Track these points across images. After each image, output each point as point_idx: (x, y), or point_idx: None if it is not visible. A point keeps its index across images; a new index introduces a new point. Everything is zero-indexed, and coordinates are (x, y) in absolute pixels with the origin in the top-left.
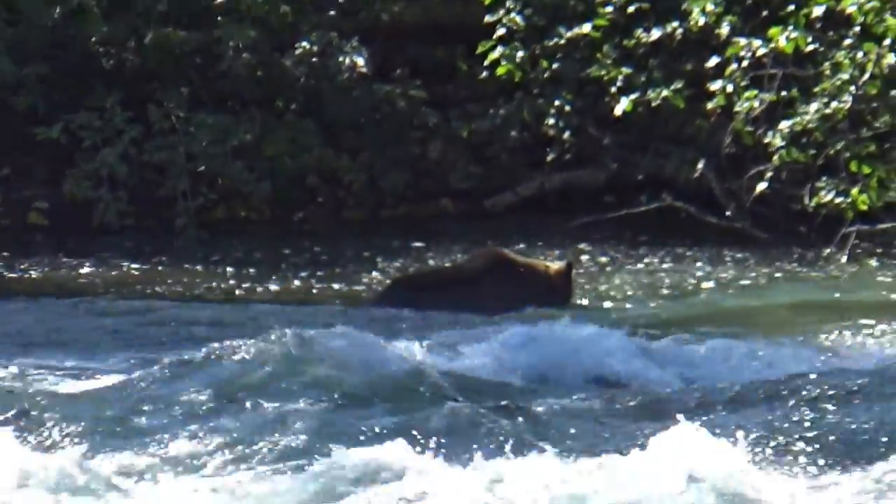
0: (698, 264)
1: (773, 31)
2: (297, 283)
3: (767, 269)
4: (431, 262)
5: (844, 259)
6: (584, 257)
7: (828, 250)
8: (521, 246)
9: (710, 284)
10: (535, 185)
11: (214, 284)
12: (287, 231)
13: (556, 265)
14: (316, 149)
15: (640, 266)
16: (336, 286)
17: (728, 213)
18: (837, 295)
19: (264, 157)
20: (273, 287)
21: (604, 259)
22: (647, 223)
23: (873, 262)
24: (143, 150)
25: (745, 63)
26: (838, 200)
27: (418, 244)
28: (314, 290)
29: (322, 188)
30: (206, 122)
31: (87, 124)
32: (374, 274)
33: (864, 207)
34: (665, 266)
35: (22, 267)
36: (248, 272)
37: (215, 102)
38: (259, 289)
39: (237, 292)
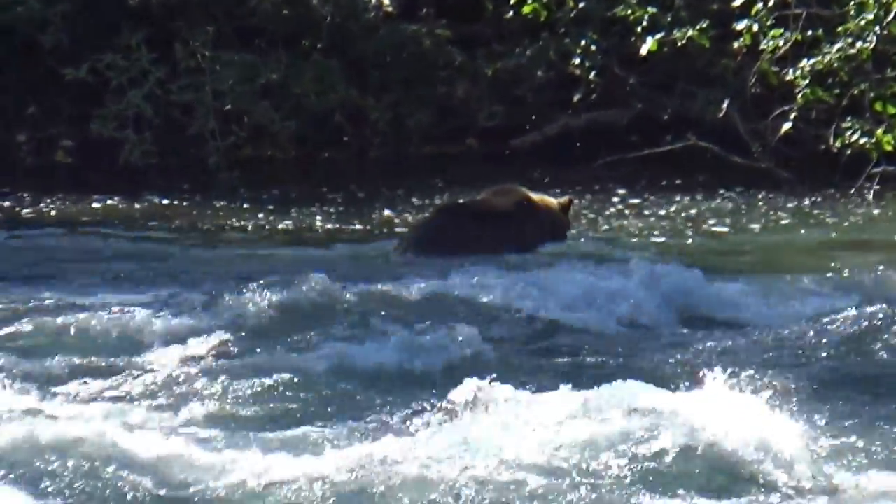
0: (723, 204)
1: None
2: (322, 221)
3: (792, 209)
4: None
5: (869, 199)
6: (609, 196)
7: (852, 190)
8: (546, 182)
9: (734, 224)
10: (560, 124)
11: (241, 223)
12: (313, 170)
13: (561, 200)
14: (342, 88)
15: (664, 205)
16: (361, 225)
17: (753, 152)
18: (862, 235)
19: (290, 96)
20: (299, 226)
21: (629, 198)
22: (671, 163)
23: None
24: (170, 91)
25: (770, 3)
26: (863, 141)
27: (444, 183)
28: (340, 229)
29: (348, 127)
30: (232, 61)
31: (114, 64)
32: (400, 212)
33: (889, 148)
34: (690, 205)
35: (47, 202)
36: (274, 211)
37: (241, 41)
38: (285, 228)
39: (263, 231)
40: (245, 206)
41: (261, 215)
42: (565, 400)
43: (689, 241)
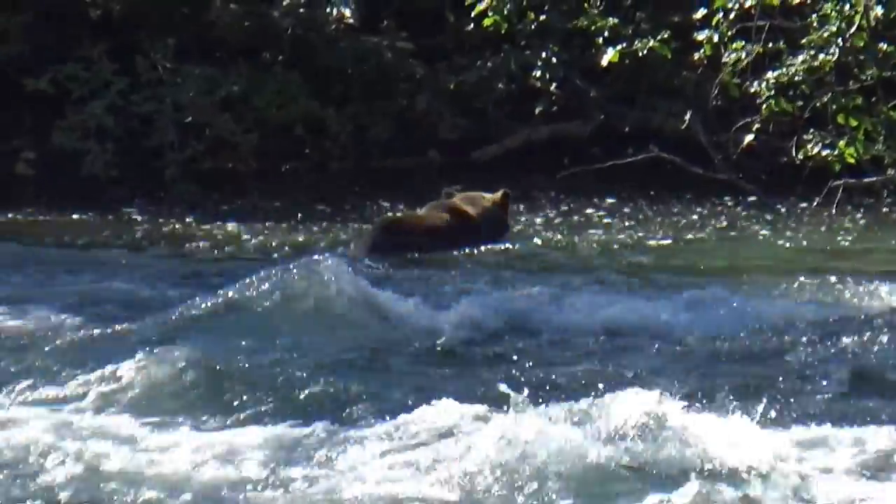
0: (685, 216)
1: None
2: (282, 233)
3: (754, 221)
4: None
5: (831, 212)
6: (570, 208)
7: (815, 202)
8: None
9: (696, 236)
10: (521, 136)
11: (201, 235)
12: (274, 182)
13: (496, 196)
14: (303, 100)
15: (625, 217)
16: (321, 237)
17: (715, 164)
18: (823, 248)
19: (251, 109)
20: (258, 238)
21: (590, 210)
22: (633, 175)
23: (859, 215)
24: (131, 102)
25: (731, 15)
26: (825, 153)
27: (405, 195)
28: (300, 241)
29: (309, 140)
30: (193, 73)
31: (75, 75)
32: (360, 225)
33: (852, 160)
34: (651, 217)
35: (8, 215)
36: (233, 223)
37: (203, 53)
38: (244, 239)
39: (222, 242)
40: (202, 217)
41: (218, 226)
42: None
43: (647, 252)
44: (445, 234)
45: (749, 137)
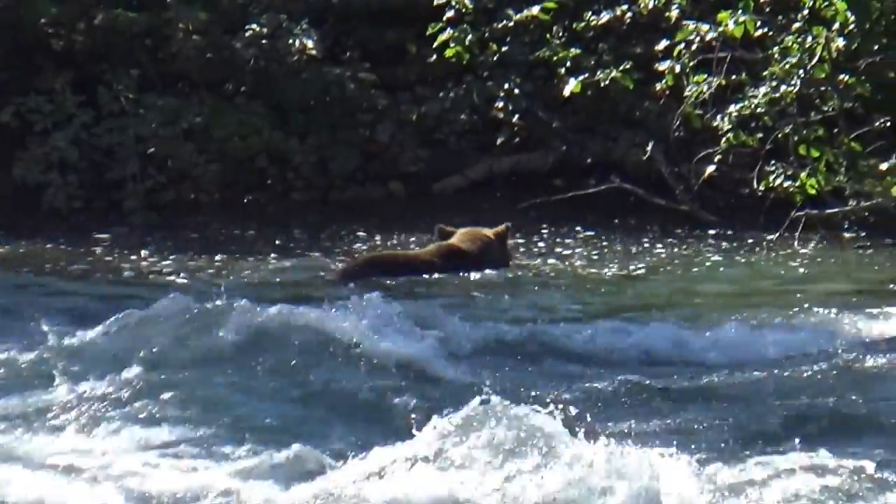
0: (646, 247)
1: (722, 15)
2: (244, 265)
3: (715, 252)
4: (380, 245)
5: (793, 243)
6: (531, 240)
7: (776, 234)
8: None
9: (657, 267)
10: (484, 168)
11: (161, 266)
12: (237, 213)
13: (498, 229)
14: (265, 131)
15: (587, 248)
16: (285, 268)
17: (677, 195)
18: (785, 279)
19: (214, 140)
20: (222, 269)
21: (551, 241)
22: (595, 205)
23: (821, 247)
24: (93, 133)
25: (693, 46)
26: (787, 185)
27: (367, 227)
28: (262, 273)
29: (271, 170)
30: (156, 105)
31: (38, 108)
32: (323, 257)
33: (813, 192)
34: (613, 249)
35: None
36: (196, 254)
37: (165, 84)
38: (208, 270)
39: (183, 274)
40: (163, 250)
41: (178, 260)
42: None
43: (608, 283)
44: (430, 270)
45: (710, 168)
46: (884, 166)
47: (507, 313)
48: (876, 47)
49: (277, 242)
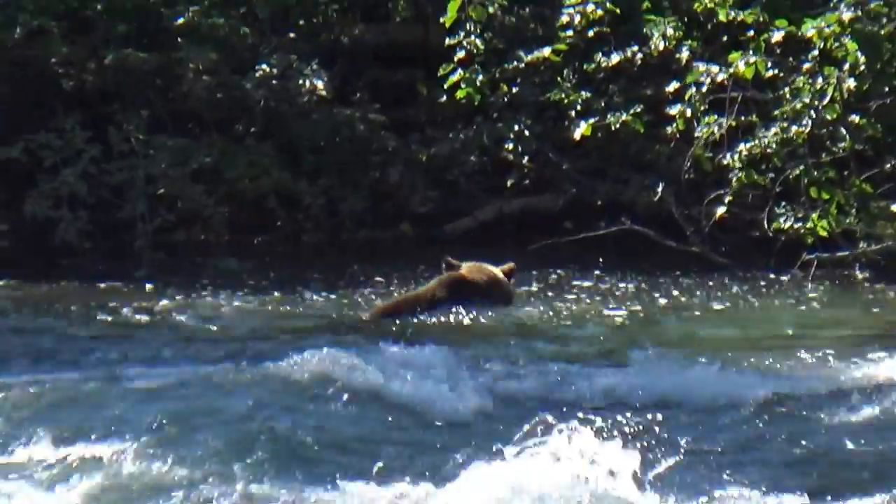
0: (657, 288)
1: (732, 56)
2: (253, 307)
3: (726, 294)
4: (391, 286)
5: (805, 285)
6: (542, 281)
7: (787, 276)
8: None
9: (668, 309)
10: (494, 209)
11: (168, 307)
12: (246, 254)
13: (503, 267)
14: (275, 172)
15: (597, 290)
16: (295, 310)
17: (687, 237)
18: (796, 321)
19: (224, 180)
20: (230, 310)
21: (561, 283)
22: (606, 247)
23: (832, 288)
24: (103, 171)
25: (704, 88)
26: (797, 226)
27: (378, 267)
28: (271, 314)
29: (281, 212)
30: (165, 145)
31: (48, 144)
32: (333, 298)
33: (824, 233)
34: (623, 290)
35: None
36: (204, 295)
37: (175, 124)
38: (215, 312)
39: (193, 315)
40: (171, 290)
41: (187, 300)
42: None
43: (619, 324)
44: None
45: (721, 210)
46: (895, 208)
47: (517, 354)
48: (887, 88)
49: (287, 283)
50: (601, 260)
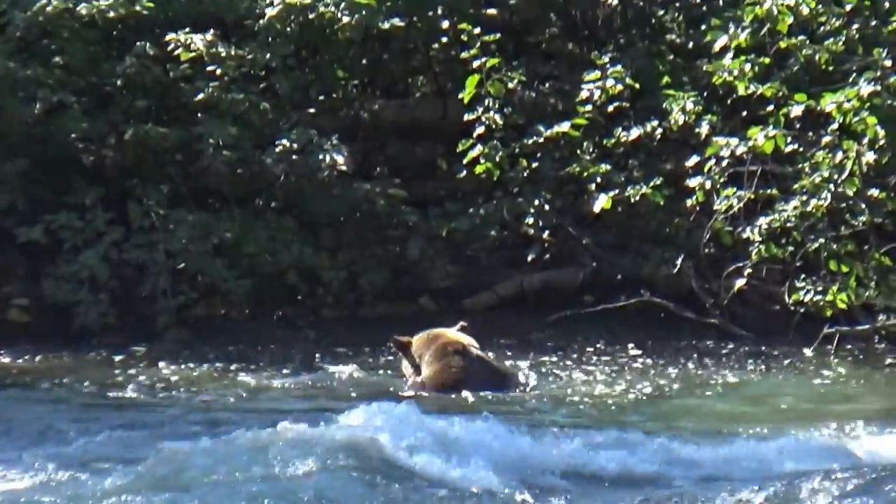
0: (677, 361)
1: (752, 130)
2: (277, 381)
3: (745, 367)
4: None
5: (825, 359)
6: (561, 354)
7: (808, 350)
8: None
9: (688, 382)
10: (514, 284)
11: (192, 383)
12: (267, 329)
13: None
14: (295, 247)
15: (617, 362)
16: (316, 384)
17: (707, 310)
18: (816, 397)
19: (244, 255)
20: (252, 384)
21: (581, 355)
22: (625, 320)
23: (852, 362)
24: (123, 249)
25: (724, 162)
26: (817, 299)
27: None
28: (293, 388)
29: (301, 286)
30: (186, 220)
31: (68, 225)
32: (354, 373)
33: (843, 306)
34: (643, 363)
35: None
36: (226, 370)
37: (195, 199)
38: (237, 386)
39: (215, 391)
40: (195, 366)
41: (206, 372)
42: None
43: (639, 398)
44: None
45: (740, 282)
46: None
47: (535, 429)
48: None
49: (308, 358)
50: (621, 332)
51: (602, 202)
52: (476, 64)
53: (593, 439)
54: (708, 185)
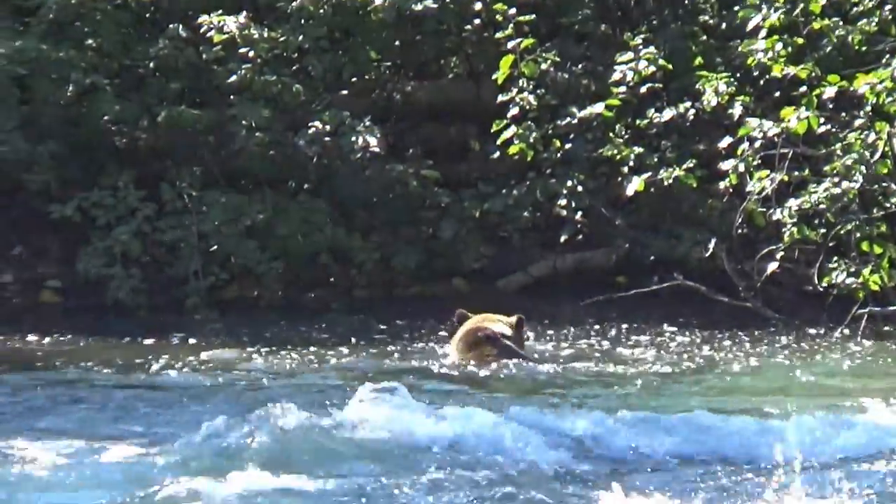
0: (709, 344)
1: (785, 111)
2: (308, 362)
3: (778, 349)
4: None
5: (857, 341)
6: (593, 336)
7: (839, 331)
8: (533, 323)
9: (721, 364)
10: (547, 265)
11: (226, 365)
12: (300, 311)
13: (511, 320)
14: (328, 228)
15: (650, 346)
16: (347, 365)
17: (740, 292)
18: (847, 377)
19: (277, 237)
20: (284, 366)
21: (614, 338)
22: (658, 302)
23: (885, 344)
24: (156, 228)
25: (756, 143)
26: (849, 281)
27: (430, 324)
28: (326, 370)
29: (334, 268)
30: (218, 201)
31: (101, 202)
32: (387, 354)
33: (875, 288)
34: (676, 345)
35: (34, 344)
36: (258, 352)
37: (228, 181)
38: (269, 368)
39: (247, 372)
40: (226, 347)
41: (242, 357)
42: None
43: (671, 380)
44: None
45: (773, 265)
46: None
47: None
48: None
49: (341, 340)
50: (654, 315)
51: (636, 185)
52: (510, 45)
53: (627, 419)
54: (741, 167)
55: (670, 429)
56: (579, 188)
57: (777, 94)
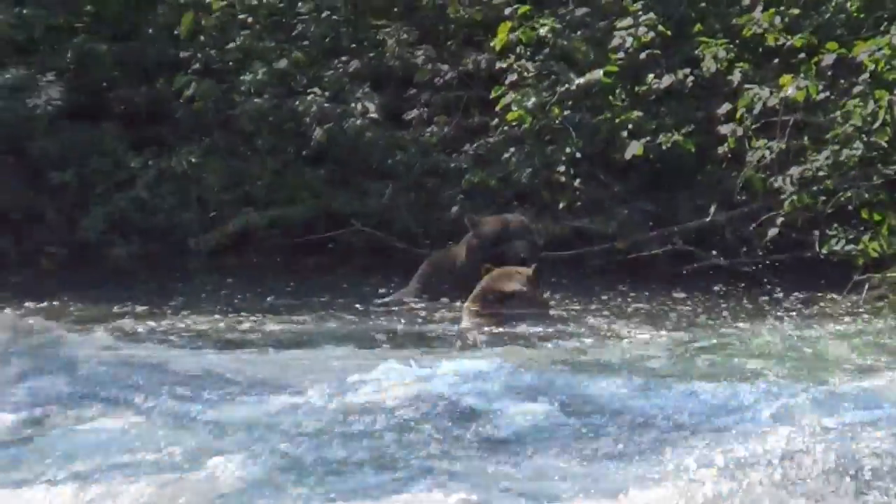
0: (709, 310)
1: (784, 78)
2: (308, 327)
3: (778, 315)
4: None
5: (857, 306)
6: (592, 300)
7: (839, 297)
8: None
9: (721, 330)
10: (546, 231)
11: (226, 331)
12: (299, 276)
13: (528, 271)
14: (328, 194)
15: (649, 312)
16: (354, 333)
17: (739, 258)
18: (848, 342)
19: (276, 203)
20: (282, 330)
21: (613, 303)
22: (657, 268)
23: (884, 310)
24: (156, 195)
25: (756, 111)
26: (849, 248)
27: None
28: (326, 334)
29: (333, 232)
30: (218, 168)
31: (100, 168)
32: (386, 320)
33: (875, 255)
34: (676, 311)
35: (33, 309)
36: (259, 317)
37: (228, 148)
38: (269, 333)
39: (247, 336)
40: (226, 312)
41: (241, 322)
42: None
43: (672, 346)
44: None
45: (773, 231)
46: None
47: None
48: None
49: (344, 305)
50: (652, 280)
51: (634, 149)
52: (507, 11)
53: (630, 383)
54: (740, 131)
55: (659, 392)
56: (578, 154)
57: (776, 60)
